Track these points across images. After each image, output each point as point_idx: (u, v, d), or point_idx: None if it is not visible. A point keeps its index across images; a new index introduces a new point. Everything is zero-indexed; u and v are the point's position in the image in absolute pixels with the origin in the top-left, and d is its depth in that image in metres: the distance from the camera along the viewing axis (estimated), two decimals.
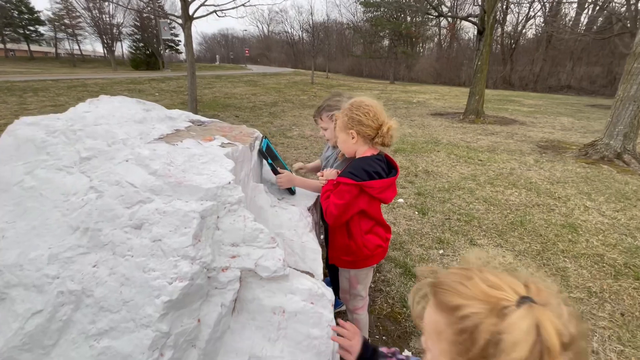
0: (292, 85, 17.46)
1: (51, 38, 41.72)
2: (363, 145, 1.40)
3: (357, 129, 1.36)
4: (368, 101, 1.39)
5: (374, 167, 1.33)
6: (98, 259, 0.90)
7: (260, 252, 0.97)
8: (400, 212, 3.40)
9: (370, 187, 1.30)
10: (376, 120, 1.35)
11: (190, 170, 1.05)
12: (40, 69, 25.49)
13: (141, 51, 34.42)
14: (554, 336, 0.38)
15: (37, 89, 10.88)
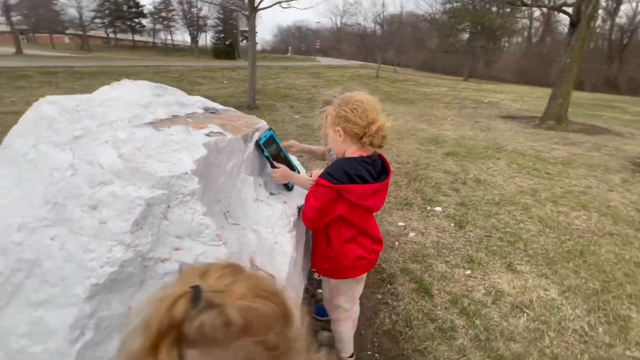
0: (355, 79, 17.21)
1: (151, 29, 47.51)
2: (351, 144, 1.27)
3: (343, 126, 1.24)
4: (359, 96, 1.25)
5: (358, 169, 1.20)
6: (56, 234, 0.95)
7: (202, 249, 0.93)
8: (434, 222, 3.11)
9: (348, 191, 1.17)
10: (365, 118, 1.20)
11: (156, 157, 1.05)
12: (139, 57, 29.28)
13: (222, 42, 37.30)
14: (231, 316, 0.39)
15: (130, 74, 12.49)
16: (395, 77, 20.36)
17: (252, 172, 1.57)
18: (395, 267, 2.43)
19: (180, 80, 12.09)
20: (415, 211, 3.31)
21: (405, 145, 5.63)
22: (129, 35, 48.93)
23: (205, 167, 1.14)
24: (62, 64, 15.12)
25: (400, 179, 4.12)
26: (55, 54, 24.80)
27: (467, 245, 2.76)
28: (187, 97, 1.87)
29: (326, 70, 21.16)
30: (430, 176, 4.24)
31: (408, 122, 7.55)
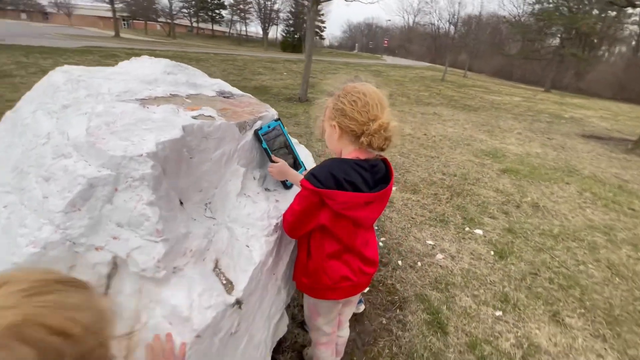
0: (418, 80, 16.35)
1: (229, 20, 50.70)
2: (348, 144, 1.06)
3: (339, 120, 1.03)
4: (362, 87, 1.03)
5: (349, 173, 0.99)
6: (9, 201, 0.92)
7: (138, 242, 0.82)
8: (470, 246, 2.71)
9: (331, 198, 0.97)
10: (365, 113, 0.99)
11: (121, 134, 0.96)
12: (214, 45, 31.43)
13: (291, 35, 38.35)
14: None
15: (200, 60, 13.39)
16: (463, 82, 18.92)
17: (249, 164, 1.44)
18: (411, 290, 2.14)
19: (243, 69, 12.61)
20: (450, 230, 2.92)
21: (457, 155, 5.11)
22: (209, 25, 52.88)
23: (176, 150, 1.03)
24: (147, 47, 16.83)
25: (442, 191, 3.71)
26: (146, 39, 27.75)
27: (504, 280, 2.34)
28: (204, 79, 1.81)
29: (389, 69, 20.48)
30: (477, 193, 3.76)
31: (466, 130, 6.87)
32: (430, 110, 8.65)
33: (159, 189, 0.91)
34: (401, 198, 3.45)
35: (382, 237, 2.71)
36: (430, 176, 4.12)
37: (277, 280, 1.31)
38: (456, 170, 4.43)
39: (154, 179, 0.89)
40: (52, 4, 47.31)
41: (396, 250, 2.54)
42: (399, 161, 4.54)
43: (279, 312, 1.41)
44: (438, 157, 4.88)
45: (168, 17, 40.62)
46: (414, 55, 56.45)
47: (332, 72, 15.23)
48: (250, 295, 1.06)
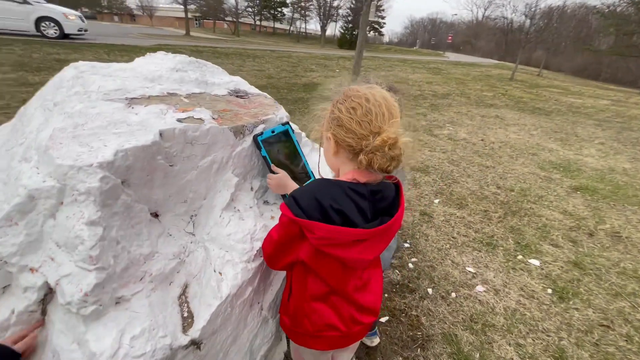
0: (482, 79, 14.96)
1: (290, 18, 51.95)
2: (346, 161, 0.84)
3: (334, 132, 0.81)
4: (366, 91, 0.79)
5: (339, 200, 0.76)
6: None
7: (69, 269, 0.70)
8: (521, 280, 2.27)
9: (310, 230, 0.76)
10: (366, 124, 0.75)
11: (84, 138, 0.86)
12: (274, 42, 32.41)
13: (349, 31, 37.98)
14: None
15: (257, 57, 13.81)
16: (536, 82, 16.90)
17: (247, 173, 1.29)
18: (438, 327, 1.82)
19: (296, 66, 12.70)
20: (498, 257, 2.49)
21: (519, 166, 4.46)
22: (271, 23, 54.75)
23: (146, 158, 0.91)
24: (211, 44, 17.89)
25: (493, 208, 3.22)
26: (212, 37, 29.61)
27: (562, 329, 1.89)
28: (221, 77, 1.70)
29: (450, 67, 19.12)
30: (539, 213, 3.19)
31: (532, 137, 6.02)
32: (492, 113, 7.79)
33: (111, 205, 0.79)
34: (443, 213, 3.06)
35: (413, 257, 2.40)
36: (481, 189, 3.63)
37: (262, 310, 1.14)
38: (515, 184, 3.85)
39: (103, 194, 0.77)
40: (138, 7, 53.05)
41: (427, 276, 2.22)
42: (447, 169, 4.08)
43: (267, 344, 1.24)
44: (494, 167, 4.30)
45: (234, 16, 42.94)
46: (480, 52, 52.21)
47: (386, 70, 14.66)
48: (214, 333, 0.90)
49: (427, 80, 12.65)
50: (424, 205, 3.15)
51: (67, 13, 12.02)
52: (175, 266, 0.96)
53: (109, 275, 0.73)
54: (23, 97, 4.99)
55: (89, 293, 0.68)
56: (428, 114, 7.10)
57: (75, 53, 9.30)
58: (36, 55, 8.22)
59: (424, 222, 2.88)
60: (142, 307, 0.78)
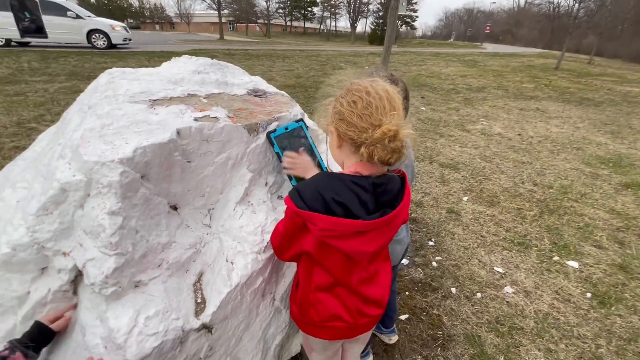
0: (523, 70, 14.03)
1: (320, 17, 52.13)
2: (349, 155, 0.85)
3: (336, 125, 0.83)
4: (367, 85, 0.80)
5: (340, 192, 0.78)
6: (21, 197, 0.99)
7: (93, 254, 0.78)
8: (555, 282, 2.12)
9: (312, 222, 0.78)
10: (366, 117, 0.76)
11: (108, 137, 0.95)
12: (304, 41, 32.70)
13: (379, 27, 37.33)
14: None
15: (286, 57, 14.04)
16: (586, 70, 15.55)
17: (261, 169, 1.34)
18: (461, 327, 1.77)
19: (325, 64, 12.73)
20: (531, 257, 2.35)
21: (560, 161, 4.15)
22: (301, 23, 55.29)
23: (164, 155, 0.98)
24: (242, 47, 18.46)
25: (528, 206, 3.03)
26: (245, 39, 30.52)
27: (601, 337, 1.75)
28: (241, 77, 1.78)
29: (487, 59, 18.14)
30: (581, 212, 2.96)
31: (578, 130, 5.56)
32: (531, 105, 7.30)
33: (131, 197, 0.87)
34: (472, 210, 2.93)
35: (437, 255, 2.33)
36: (515, 186, 3.43)
37: (274, 301, 1.18)
38: (554, 180, 3.59)
39: (123, 187, 0.84)
40: (177, 15, 56.02)
41: (452, 274, 2.15)
42: (478, 166, 3.90)
43: (280, 334, 1.28)
44: (531, 163, 4.04)
45: (265, 18, 43.94)
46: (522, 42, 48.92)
47: (418, 64, 14.24)
48: (225, 319, 0.95)
49: (461, 73, 12.11)
50: (451, 203, 3.05)
51: (113, 25, 13.01)
52: (191, 255, 1.03)
53: (127, 260, 0.80)
54: None
55: (109, 275, 0.75)
56: (461, 108, 6.80)
57: (120, 61, 10.06)
58: (87, 65, 8.99)
59: (451, 220, 2.78)
60: (158, 291, 0.85)
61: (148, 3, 63.00)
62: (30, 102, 5.37)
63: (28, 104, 5.30)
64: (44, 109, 5.10)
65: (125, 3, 57.46)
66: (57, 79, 7.18)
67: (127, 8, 57.40)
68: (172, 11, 59.99)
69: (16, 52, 10.38)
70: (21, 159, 1.31)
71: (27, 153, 1.33)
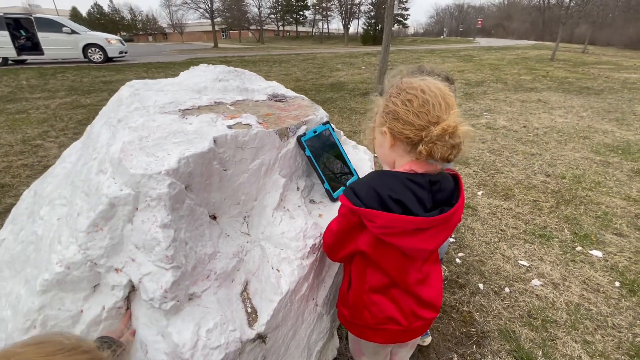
0: (519, 62, 14.08)
1: (311, 20, 52.35)
2: (403, 154, 0.84)
3: (391, 125, 0.82)
4: (420, 83, 0.80)
5: (398, 191, 0.77)
6: (61, 214, 0.98)
7: (149, 268, 0.76)
8: (582, 272, 2.11)
9: (370, 220, 0.77)
10: (424, 115, 0.76)
11: (149, 149, 0.94)
12: (298, 45, 32.79)
13: (372, 27, 37.50)
14: None
15: (282, 61, 14.07)
16: (581, 60, 15.61)
17: (292, 173, 1.33)
18: (493, 323, 1.75)
19: (322, 66, 12.77)
20: (554, 249, 2.33)
21: (569, 151, 4.15)
22: (294, 27, 55.51)
23: (204, 164, 0.97)
24: (238, 54, 18.51)
25: (544, 197, 3.02)
26: (239, 46, 30.61)
27: (637, 325, 1.73)
28: (259, 83, 1.77)
29: (482, 53, 18.21)
30: (597, 201, 2.95)
31: (582, 119, 5.56)
32: (533, 97, 7.31)
33: (178, 209, 0.86)
34: (488, 205, 2.92)
35: (460, 252, 2.32)
36: (528, 178, 3.42)
37: (317, 306, 1.16)
38: (566, 170, 3.58)
39: (172, 198, 0.83)
40: (169, 25, 56.21)
41: (477, 270, 2.13)
42: (488, 160, 3.90)
43: (322, 339, 1.26)
44: (541, 155, 4.03)
45: (258, 24, 44.09)
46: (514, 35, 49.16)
47: (414, 62, 14.25)
48: (277, 328, 0.94)
49: (458, 68, 12.15)
50: (467, 199, 3.03)
51: (109, 38, 13.04)
52: (235, 264, 1.02)
53: (182, 273, 0.78)
54: (78, 118, 5.49)
55: (168, 290, 0.74)
56: (463, 103, 6.81)
57: (118, 74, 10.06)
58: (86, 79, 8.99)
59: (468, 215, 2.77)
60: (211, 303, 0.84)
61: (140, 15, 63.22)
62: (33, 120, 5.36)
63: (31, 121, 5.29)
64: (47, 125, 5.09)
65: (117, 16, 57.64)
66: (57, 94, 7.17)
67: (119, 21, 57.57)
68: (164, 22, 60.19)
69: (14, 70, 10.39)
70: (50, 176, 1.29)
71: (57, 170, 1.31)
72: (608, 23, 30.53)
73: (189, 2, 32.43)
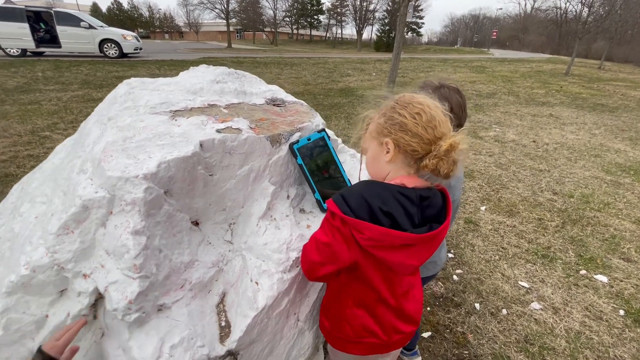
0: (532, 75, 13.89)
1: (326, 24, 52.64)
2: (401, 167, 0.81)
3: (396, 137, 0.78)
4: (424, 99, 0.80)
5: (388, 202, 0.74)
6: (39, 213, 0.96)
7: (116, 276, 0.73)
8: (585, 298, 2.02)
9: (358, 230, 0.73)
10: (431, 130, 0.76)
11: (131, 150, 0.91)
12: (311, 49, 32.97)
13: (386, 34, 37.53)
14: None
15: (294, 64, 14.12)
16: (597, 76, 15.34)
17: (283, 181, 1.29)
18: (488, 346, 1.68)
19: (333, 71, 12.78)
20: (557, 271, 2.25)
21: (578, 169, 4.03)
22: (307, 31, 55.88)
23: (187, 169, 0.93)
24: (250, 55, 18.66)
25: (549, 216, 2.93)
26: (252, 47, 30.89)
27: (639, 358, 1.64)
28: (259, 86, 1.74)
29: (495, 64, 18.03)
30: (605, 223, 2.84)
31: (594, 137, 5.43)
32: (544, 112, 7.18)
33: (154, 214, 0.82)
34: (491, 221, 2.84)
35: (458, 269, 2.25)
36: (534, 195, 3.33)
37: (298, 321, 1.12)
38: (574, 189, 3.48)
39: (147, 204, 0.80)
40: (186, 24, 57.11)
41: (474, 289, 2.06)
42: (494, 174, 3.81)
43: (303, 356, 1.21)
44: (549, 171, 3.93)
45: (272, 27, 44.50)
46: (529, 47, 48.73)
47: (425, 71, 14.20)
48: (251, 344, 0.89)
49: (470, 79, 12.04)
50: (469, 213, 2.96)
51: (125, 34, 13.26)
52: (214, 274, 0.98)
53: (151, 283, 0.75)
54: (88, 112, 5.55)
55: (132, 301, 0.70)
56: (472, 115, 6.72)
57: (131, 70, 10.21)
58: (99, 73, 9.14)
59: (470, 230, 2.69)
60: (181, 316, 0.80)
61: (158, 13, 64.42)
62: (44, 111, 5.44)
63: (42, 112, 5.37)
64: (57, 117, 5.16)
65: (135, 13, 58.81)
66: (70, 87, 7.29)
67: (137, 18, 58.72)
68: (181, 20, 61.21)
69: (31, 61, 10.62)
70: (39, 171, 1.28)
71: (46, 165, 1.30)
72: (627, 39, 30.03)
73: (205, 2, 32.90)
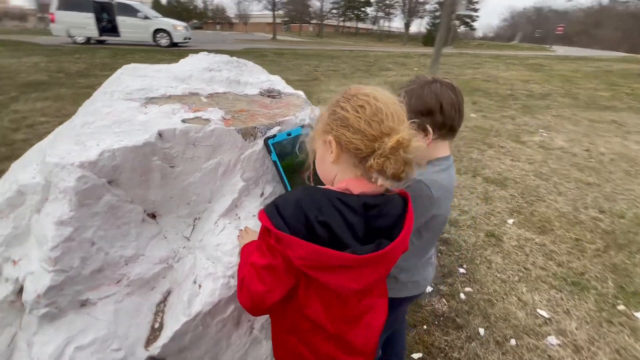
0: (599, 76, 12.38)
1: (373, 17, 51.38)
2: (346, 168, 0.69)
3: (337, 134, 0.67)
4: (372, 91, 0.67)
5: (323, 211, 0.63)
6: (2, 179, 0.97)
7: (34, 267, 0.70)
8: (619, 338, 1.72)
9: (289, 247, 0.62)
10: (376, 124, 0.64)
11: (83, 136, 0.88)
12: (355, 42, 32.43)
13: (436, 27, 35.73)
14: None
15: (333, 57, 13.95)
16: None
17: (258, 177, 1.21)
18: None
19: (372, 65, 12.42)
20: (588, 303, 1.94)
21: (637, 185, 3.49)
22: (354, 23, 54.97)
23: (138, 159, 0.89)
24: (292, 47, 18.77)
25: (590, 237, 2.55)
26: (297, 39, 31.09)
27: None
28: (257, 77, 1.68)
29: (554, 62, 16.38)
30: None
31: None
32: (606, 117, 6.35)
33: (90, 205, 0.79)
34: (517, 236, 2.55)
35: (467, 286, 2.04)
36: (576, 211, 2.93)
37: (252, 330, 1.04)
38: (628, 208, 3.01)
39: (80, 193, 0.76)
40: (236, 15, 59.03)
41: (482, 312, 1.85)
42: (531, 184, 3.42)
43: None
44: (599, 185, 3.45)
45: (319, 19, 44.37)
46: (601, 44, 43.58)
47: (473, 67, 13.28)
48: (182, 351, 0.84)
49: (522, 78, 11.03)
50: (492, 225, 2.68)
51: (176, 24, 13.96)
52: (160, 271, 0.94)
53: (69, 277, 0.71)
54: None
55: (41, 295, 0.67)
56: (517, 116, 6.13)
57: (179, 58, 10.74)
58: (150, 61, 9.70)
59: (490, 245, 2.43)
60: (105, 314, 0.76)
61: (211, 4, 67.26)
62: None
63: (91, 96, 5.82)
64: None
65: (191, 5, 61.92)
66: None
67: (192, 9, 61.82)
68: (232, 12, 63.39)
69: (93, 49, 11.59)
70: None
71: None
72: None
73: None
